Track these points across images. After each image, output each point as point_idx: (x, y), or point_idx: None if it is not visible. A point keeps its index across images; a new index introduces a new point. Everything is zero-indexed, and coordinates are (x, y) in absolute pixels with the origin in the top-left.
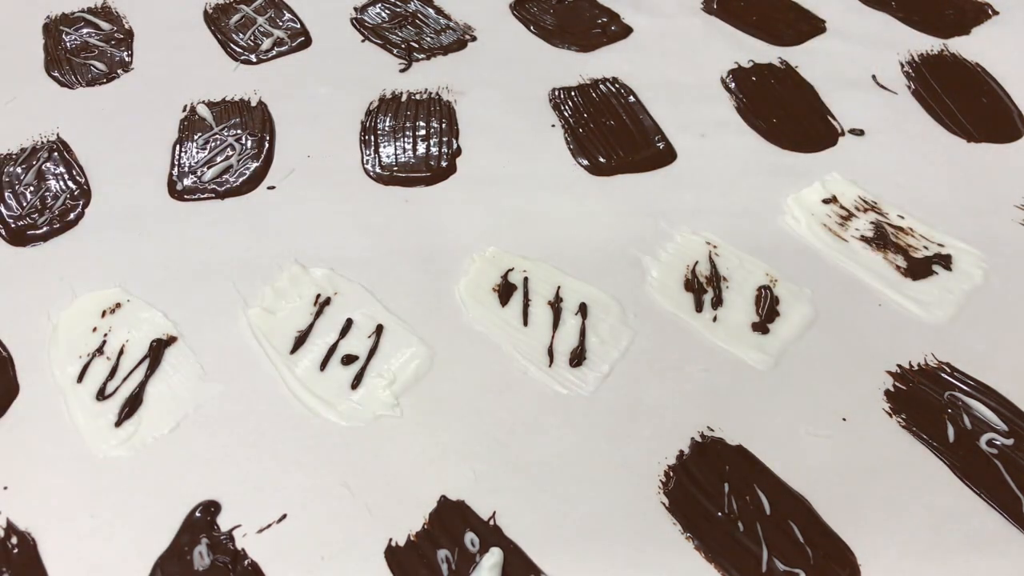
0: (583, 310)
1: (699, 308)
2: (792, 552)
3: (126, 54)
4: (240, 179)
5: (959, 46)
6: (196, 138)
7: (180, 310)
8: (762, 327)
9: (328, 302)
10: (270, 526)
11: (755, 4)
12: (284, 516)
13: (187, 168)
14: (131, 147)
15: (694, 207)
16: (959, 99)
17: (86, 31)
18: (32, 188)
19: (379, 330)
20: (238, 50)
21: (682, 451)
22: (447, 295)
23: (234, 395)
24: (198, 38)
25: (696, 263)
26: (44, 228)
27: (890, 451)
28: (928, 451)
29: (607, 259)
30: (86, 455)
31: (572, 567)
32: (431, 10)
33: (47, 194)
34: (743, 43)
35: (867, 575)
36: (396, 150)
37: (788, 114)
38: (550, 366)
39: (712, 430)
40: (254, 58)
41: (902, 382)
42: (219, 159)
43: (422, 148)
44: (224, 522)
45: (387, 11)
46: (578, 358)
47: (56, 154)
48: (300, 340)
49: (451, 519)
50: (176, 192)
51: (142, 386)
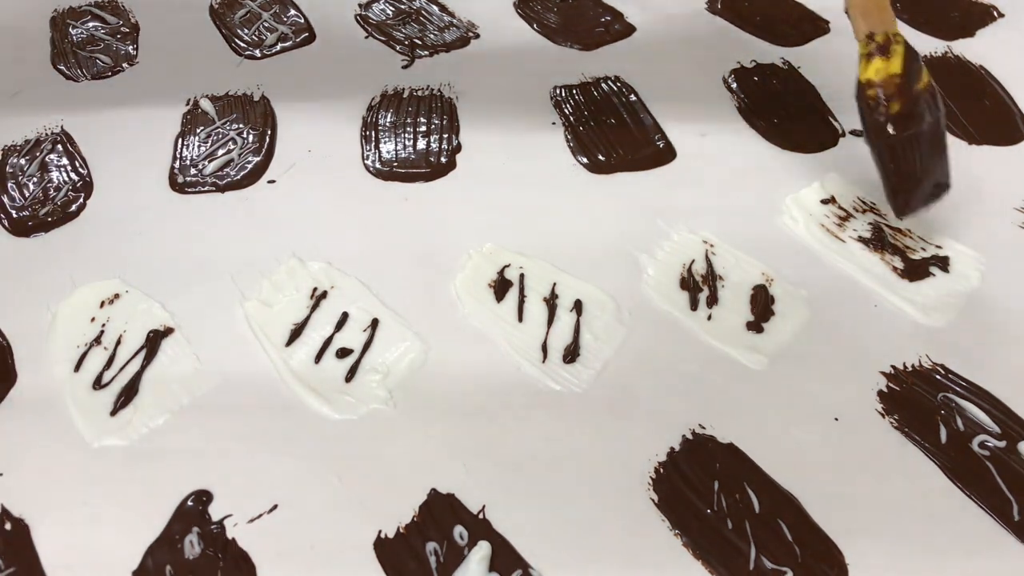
0: (578, 307)
1: (694, 306)
2: (780, 550)
3: (131, 48)
4: (241, 173)
5: (963, 48)
6: (198, 132)
7: (178, 301)
8: (757, 326)
9: (325, 295)
10: (261, 516)
11: (759, 4)
12: (275, 506)
13: (189, 161)
14: (134, 140)
15: (693, 206)
16: (962, 101)
17: (92, 25)
18: (35, 179)
19: (374, 324)
20: (242, 45)
21: (673, 448)
22: (443, 290)
23: (229, 386)
24: (203, 33)
25: (692, 262)
26: (46, 219)
27: (882, 451)
28: (920, 452)
29: (604, 256)
30: (81, 443)
31: (560, 562)
32: (435, 7)
33: (49, 185)
34: (746, 43)
35: (855, 575)
36: (396, 146)
37: (789, 114)
38: (544, 362)
39: (704, 428)
40: (258, 53)
41: (896, 383)
42: (221, 153)
43: (422, 144)
44: (216, 511)
45: (391, 7)
46: (572, 355)
47: (60, 146)
48: (296, 333)
49: (441, 512)
50: (177, 185)
51: (138, 376)
